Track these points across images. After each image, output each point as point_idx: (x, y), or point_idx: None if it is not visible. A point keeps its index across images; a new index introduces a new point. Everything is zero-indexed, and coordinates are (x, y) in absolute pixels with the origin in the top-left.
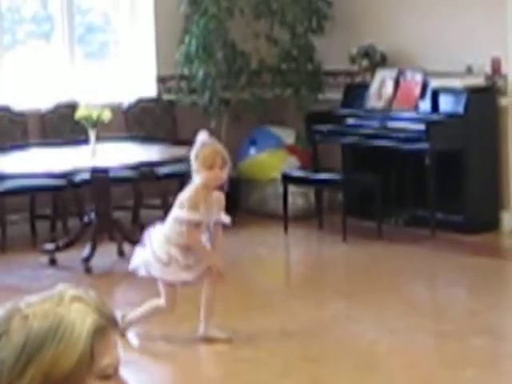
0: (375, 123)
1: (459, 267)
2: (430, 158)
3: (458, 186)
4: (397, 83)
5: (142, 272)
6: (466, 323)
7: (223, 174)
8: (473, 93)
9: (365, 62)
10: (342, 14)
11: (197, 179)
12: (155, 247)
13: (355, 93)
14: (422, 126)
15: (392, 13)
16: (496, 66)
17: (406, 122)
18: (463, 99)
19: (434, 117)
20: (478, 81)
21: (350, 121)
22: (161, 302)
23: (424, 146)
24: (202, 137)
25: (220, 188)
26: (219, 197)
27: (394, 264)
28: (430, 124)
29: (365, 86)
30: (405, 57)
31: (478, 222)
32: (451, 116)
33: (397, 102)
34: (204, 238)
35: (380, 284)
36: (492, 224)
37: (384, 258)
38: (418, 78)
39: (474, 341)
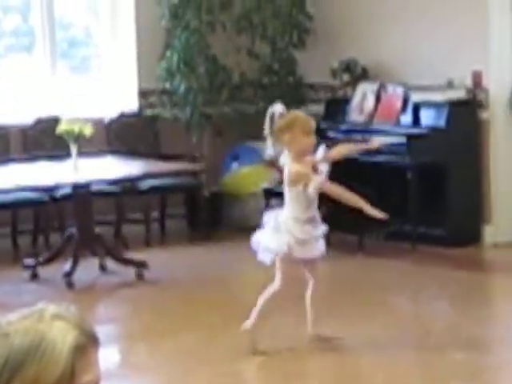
0: (357, 137)
1: (441, 281)
2: (412, 171)
3: (440, 199)
4: (378, 97)
5: (272, 258)
6: (449, 336)
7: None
8: (454, 106)
9: (346, 76)
10: (324, 27)
11: (287, 153)
12: (292, 229)
13: (337, 106)
14: (403, 140)
15: (373, 27)
16: (477, 79)
17: (388, 136)
18: (444, 113)
19: (416, 130)
20: (459, 94)
21: (332, 134)
22: (273, 287)
23: (406, 159)
24: (278, 108)
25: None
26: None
27: (376, 278)
28: (411, 137)
29: (346, 100)
30: (386, 70)
31: (460, 235)
32: (433, 129)
33: (378, 115)
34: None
35: (362, 298)
36: (474, 237)
37: (366, 271)
38: (399, 91)
39: (456, 354)
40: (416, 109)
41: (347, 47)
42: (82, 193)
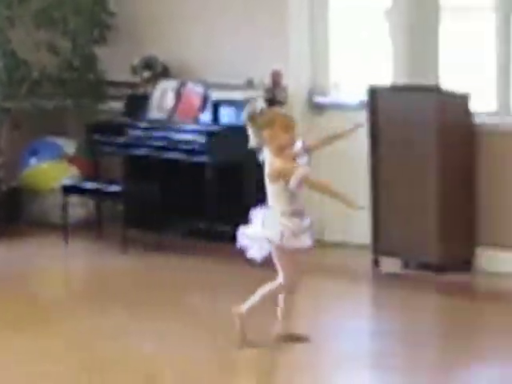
0: (156, 134)
1: (240, 279)
2: (210, 169)
3: (238, 197)
4: (178, 95)
5: (265, 252)
6: (246, 334)
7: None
8: None
9: (146, 73)
10: (126, 25)
11: (267, 149)
12: (283, 222)
13: (137, 103)
14: (202, 138)
15: (174, 25)
16: (276, 78)
17: (187, 134)
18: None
19: (215, 128)
20: (259, 93)
21: (132, 132)
22: (277, 281)
23: (204, 157)
24: (257, 104)
25: None
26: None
27: (175, 276)
28: (210, 136)
29: (147, 97)
30: (187, 69)
31: None
32: (232, 128)
33: (178, 113)
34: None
35: (160, 296)
36: None
37: (165, 269)
38: (199, 89)
39: (253, 351)
40: (216, 107)
41: (149, 45)
42: None
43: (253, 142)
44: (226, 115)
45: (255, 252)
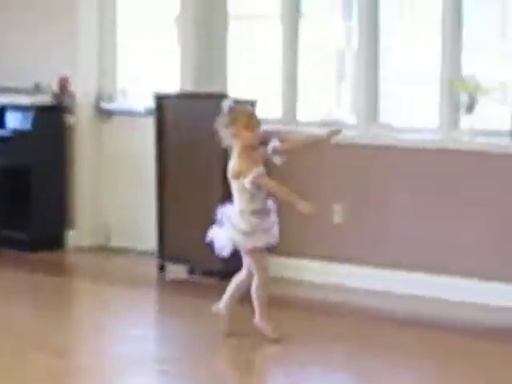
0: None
1: (23, 285)
2: None
3: (24, 203)
4: None
5: (227, 251)
6: (28, 341)
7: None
8: (40, 110)
9: None
10: None
11: (235, 144)
12: (235, 223)
13: None
14: None
15: None
16: (64, 84)
17: None
18: (30, 116)
19: (1, 133)
20: (46, 98)
21: None
22: (255, 282)
23: None
24: (228, 103)
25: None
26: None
27: None
28: None
29: None
30: None
31: (43, 239)
32: (18, 133)
33: None
34: None
35: None
36: (57, 242)
37: None
38: None
39: (37, 358)
40: (2, 111)
41: None
42: None
43: (224, 140)
44: (13, 119)
45: (220, 250)
